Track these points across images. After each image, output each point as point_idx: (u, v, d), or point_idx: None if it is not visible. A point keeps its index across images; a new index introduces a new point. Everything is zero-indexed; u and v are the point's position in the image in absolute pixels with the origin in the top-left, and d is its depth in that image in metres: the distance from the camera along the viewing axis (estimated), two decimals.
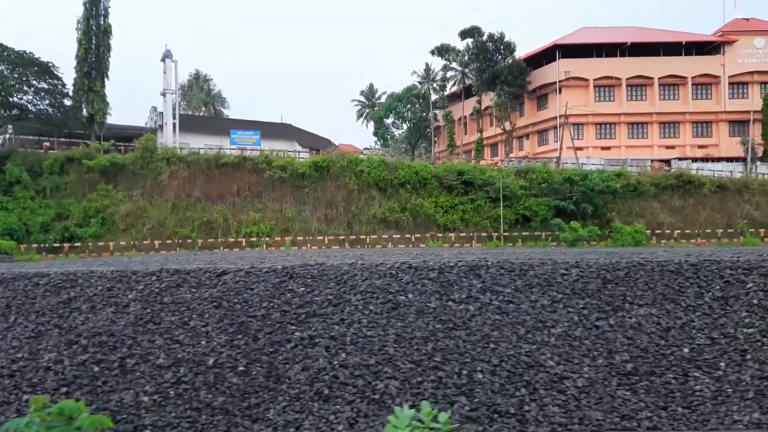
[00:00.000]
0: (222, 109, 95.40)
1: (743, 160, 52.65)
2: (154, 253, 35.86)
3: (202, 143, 52.46)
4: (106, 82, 48.80)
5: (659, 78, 55.56)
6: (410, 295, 7.05)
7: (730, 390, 6.37)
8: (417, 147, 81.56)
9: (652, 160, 52.73)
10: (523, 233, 41.83)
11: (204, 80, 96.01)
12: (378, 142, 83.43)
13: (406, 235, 42.24)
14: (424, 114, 76.48)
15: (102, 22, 48.05)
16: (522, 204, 43.55)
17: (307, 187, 43.76)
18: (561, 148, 51.62)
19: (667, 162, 52.52)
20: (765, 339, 6.84)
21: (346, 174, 44.57)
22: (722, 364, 6.63)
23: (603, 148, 55.69)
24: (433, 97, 75.85)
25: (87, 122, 47.82)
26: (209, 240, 40.12)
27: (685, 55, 56.40)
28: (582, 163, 50.66)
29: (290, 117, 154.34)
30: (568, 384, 6.27)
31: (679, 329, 6.90)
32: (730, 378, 6.48)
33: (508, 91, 58.00)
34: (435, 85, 74.23)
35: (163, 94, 55.37)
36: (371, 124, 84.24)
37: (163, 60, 55.74)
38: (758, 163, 51.58)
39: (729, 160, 52.79)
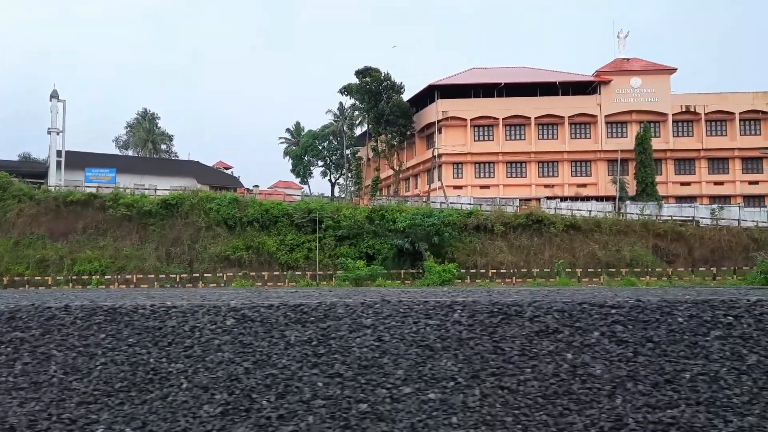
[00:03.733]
0: (166, 146, 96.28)
1: (621, 198, 52.69)
2: None
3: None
4: None
5: (536, 117, 56.08)
6: None
7: None
8: (337, 184, 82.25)
9: (520, 199, 52.88)
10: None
11: (150, 118, 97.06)
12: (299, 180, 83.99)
13: (251, 273, 42.32)
14: (339, 152, 77.21)
15: None
16: (365, 243, 43.61)
17: (153, 225, 43.95)
18: (429, 187, 51.96)
19: (539, 201, 52.65)
20: None
21: (195, 211, 44.83)
22: None
23: (482, 187, 55.91)
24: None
25: None
26: (46, 278, 40.19)
27: (568, 94, 57.05)
28: (443, 202, 50.89)
29: (233, 155, 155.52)
30: None
31: None
32: None
33: (392, 131, 58.70)
34: (347, 123, 75.12)
35: (49, 133, 56.22)
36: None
37: (50, 99, 56.78)
38: (627, 202, 51.56)
39: (599, 199, 52.85)
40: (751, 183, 55.22)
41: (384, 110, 57.38)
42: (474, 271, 42.48)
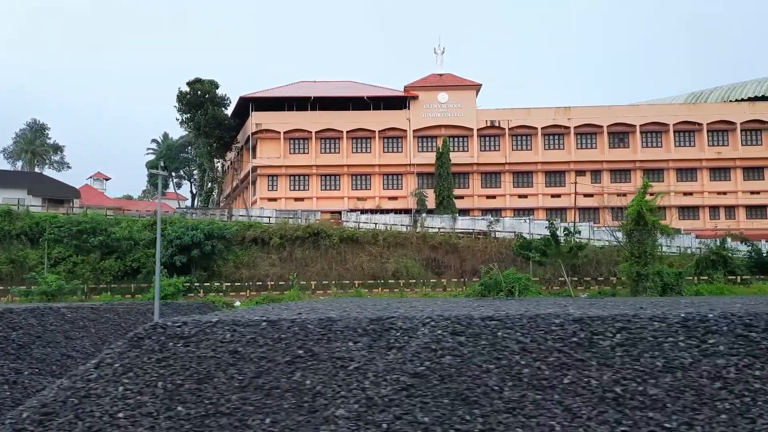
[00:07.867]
0: (59, 157, 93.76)
1: (419, 211, 53.65)
2: None
3: None
4: None
5: (349, 131, 56.86)
6: None
7: None
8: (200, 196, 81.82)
9: (330, 211, 53.55)
10: (121, 285, 41.64)
11: (38, 129, 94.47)
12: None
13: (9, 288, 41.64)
14: (193, 162, 76.92)
15: None
16: (132, 256, 43.41)
17: None
18: (229, 201, 52.00)
19: (339, 213, 53.37)
20: None
21: None
22: None
23: (296, 199, 56.35)
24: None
25: None
26: None
27: (382, 109, 57.90)
28: (244, 215, 51.17)
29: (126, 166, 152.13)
30: None
31: None
32: None
33: (209, 143, 58.86)
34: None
35: None
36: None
37: None
38: (424, 214, 52.56)
39: (398, 212, 53.73)
40: (553, 196, 56.97)
41: (200, 122, 57.49)
42: (239, 284, 42.76)
